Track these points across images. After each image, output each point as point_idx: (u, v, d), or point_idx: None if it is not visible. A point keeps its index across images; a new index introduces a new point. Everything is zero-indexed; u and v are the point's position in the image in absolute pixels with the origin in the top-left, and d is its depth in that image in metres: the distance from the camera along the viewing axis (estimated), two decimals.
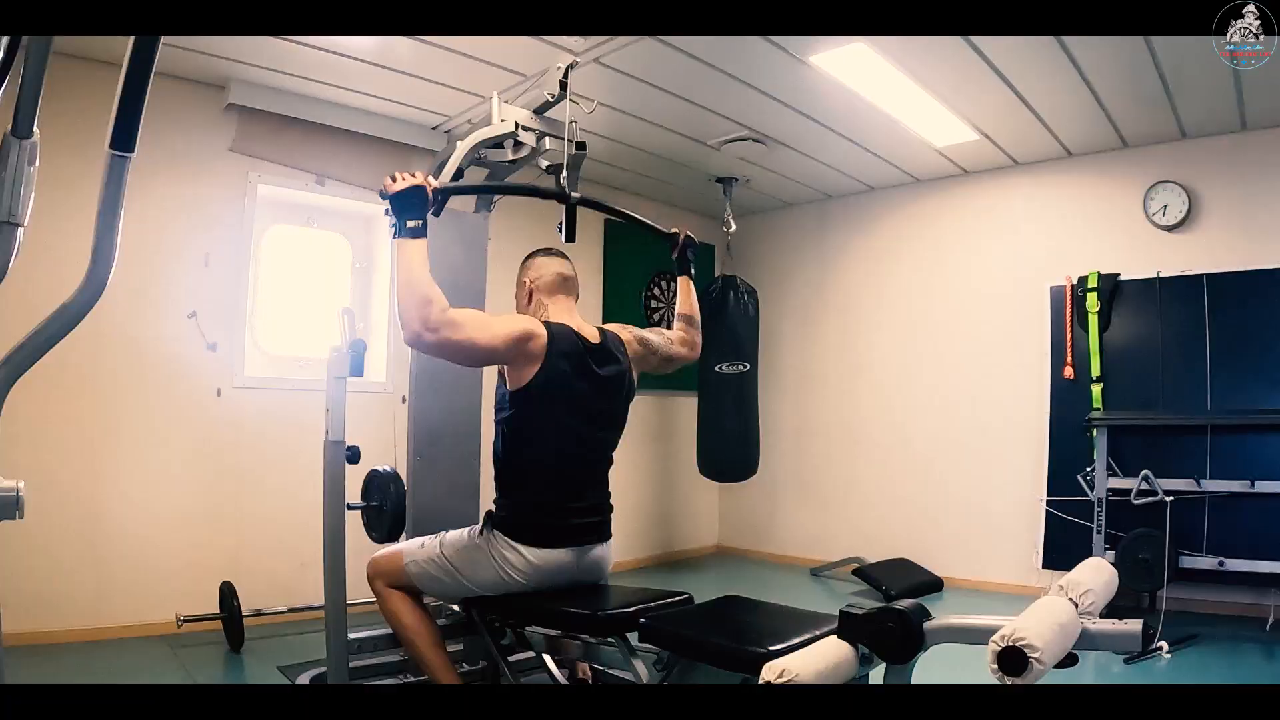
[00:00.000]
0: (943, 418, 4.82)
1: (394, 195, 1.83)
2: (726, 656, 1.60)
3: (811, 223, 5.56)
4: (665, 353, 2.28)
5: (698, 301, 2.46)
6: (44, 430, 3.08)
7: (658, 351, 2.26)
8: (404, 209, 1.83)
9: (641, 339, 2.24)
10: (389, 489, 2.53)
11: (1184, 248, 4.05)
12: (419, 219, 1.83)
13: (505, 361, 1.94)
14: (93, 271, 1.10)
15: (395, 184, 1.84)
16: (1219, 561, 3.58)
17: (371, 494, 2.56)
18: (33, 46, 1.05)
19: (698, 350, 2.40)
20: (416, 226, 1.83)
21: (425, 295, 1.76)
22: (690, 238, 2.46)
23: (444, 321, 1.77)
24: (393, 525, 2.52)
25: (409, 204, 1.83)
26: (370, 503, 2.55)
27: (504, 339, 1.87)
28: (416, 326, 1.76)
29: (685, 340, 2.36)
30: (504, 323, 1.91)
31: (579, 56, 2.58)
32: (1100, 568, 1.47)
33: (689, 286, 2.45)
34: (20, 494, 1.04)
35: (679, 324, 2.40)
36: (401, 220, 1.83)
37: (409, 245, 1.81)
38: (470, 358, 1.89)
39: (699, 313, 2.43)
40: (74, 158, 2.49)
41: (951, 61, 3.30)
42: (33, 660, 2.78)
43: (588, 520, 2.05)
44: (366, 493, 2.58)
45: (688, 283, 2.45)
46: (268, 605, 3.35)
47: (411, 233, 1.82)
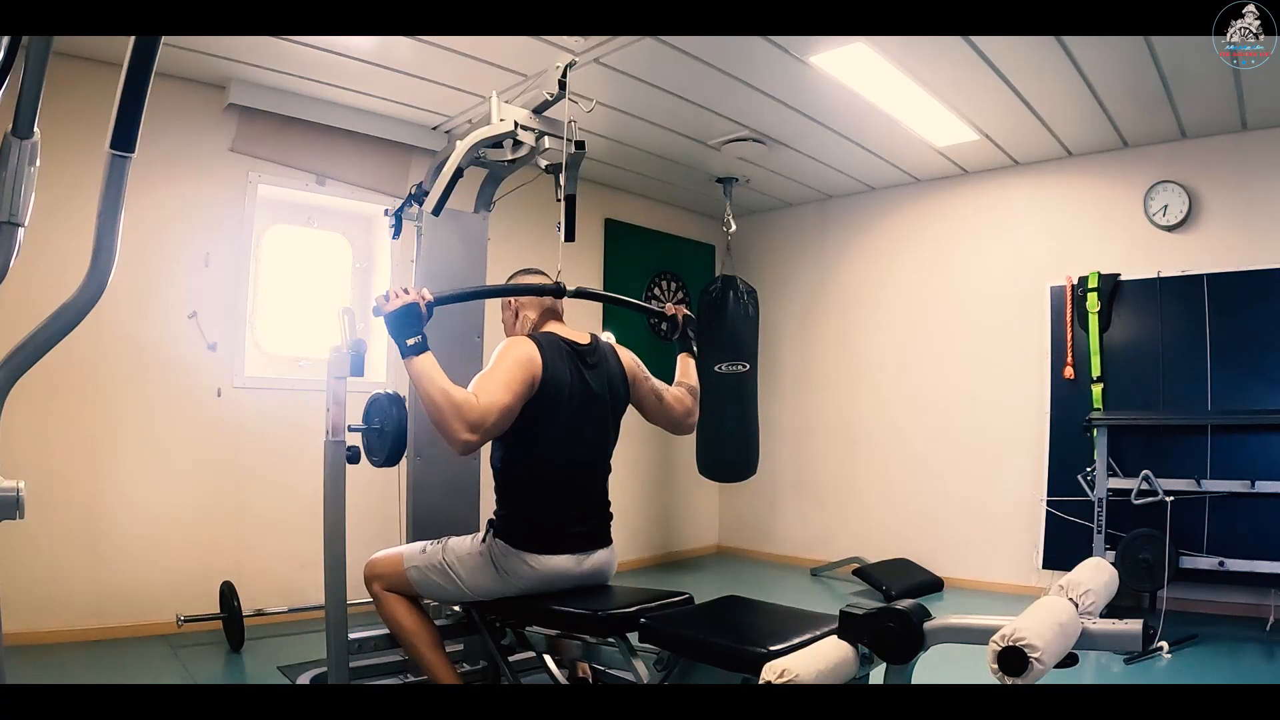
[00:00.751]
0: (943, 418, 4.82)
1: (389, 317, 1.81)
2: (727, 656, 1.60)
3: (812, 223, 5.56)
4: (658, 389, 2.23)
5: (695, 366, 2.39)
6: (44, 430, 3.08)
7: (650, 380, 2.23)
8: (402, 330, 1.80)
9: (637, 361, 2.24)
10: (390, 411, 2.52)
11: (1184, 248, 4.05)
12: (417, 335, 1.81)
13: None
14: (93, 271, 1.10)
15: (389, 304, 1.82)
16: (1219, 562, 3.58)
17: (373, 417, 2.56)
18: (33, 46, 1.05)
19: (693, 420, 2.30)
20: (417, 343, 1.80)
21: (454, 402, 1.74)
22: (690, 316, 2.40)
23: (482, 413, 1.77)
24: (394, 448, 2.52)
25: (405, 324, 1.80)
26: (372, 425, 2.55)
27: (521, 382, 1.87)
28: (464, 435, 1.75)
29: (681, 399, 2.27)
30: (509, 368, 1.88)
31: (579, 56, 2.58)
32: (1100, 568, 1.47)
33: (690, 363, 2.38)
34: (20, 494, 1.04)
35: (680, 389, 2.31)
36: (401, 342, 1.80)
37: (417, 362, 1.79)
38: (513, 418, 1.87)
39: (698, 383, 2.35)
40: (74, 158, 2.49)
41: (951, 61, 3.31)
42: (33, 660, 2.78)
43: (588, 525, 2.05)
44: (368, 416, 2.57)
45: (689, 359, 2.38)
46: (268, 605, 3.35)
47: (414, 350, 1.80)
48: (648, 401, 2.22)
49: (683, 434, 2.38)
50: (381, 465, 2.55)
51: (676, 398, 2.27)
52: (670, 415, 2.25)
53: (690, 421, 2.31)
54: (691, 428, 2.34)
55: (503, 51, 3.22)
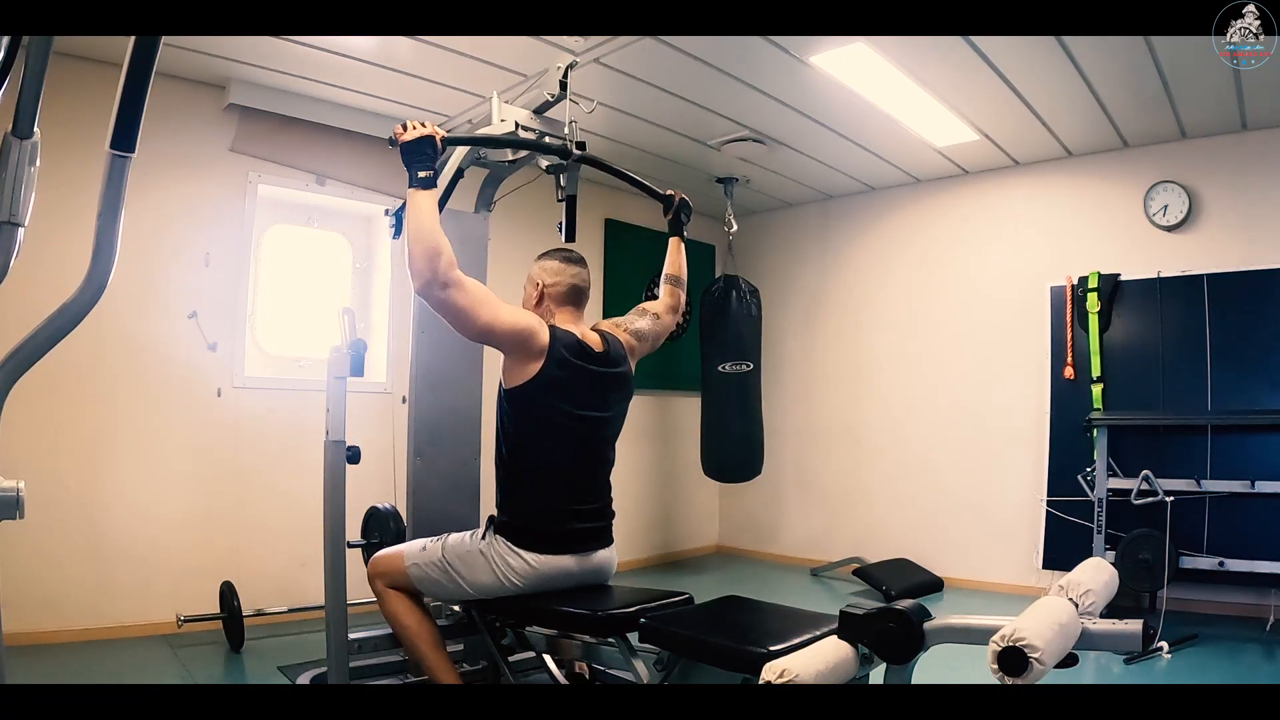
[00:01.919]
0: (943, 418, 4.82)
1: (404, 144, 1.84)
2: (727, 656, 1.60)
3: (813, 223, 5.56)
4: (656, 332, 2.31)
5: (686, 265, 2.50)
6: (44, 430, 3.08)
7: (649, 337, 2.29)
8: (414, 159, 1.83)
9: (636, 333, 2.25)
10: (388, 526, 2.55)
11: (1184, 248, 4.05)
12: (429, 169, 1.83)
13: (500, 347, 1.94)
14: (93, 271, 1.10)
15: (405, 133, 1.85)
16: (1219, 562, 3.58)
17: (371, 531, 2.58)
18: (33, 46, 1.05)
19: (682, 308, 2.44)
20: (427, 177, 1.83)
21: (435, 246, 1.77)
22: (685, 200, 2.51)
23: (453, 280, 1.79)
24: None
25: (419, 154, 1.84)
26: (370, 540, 2.57)
27: (505, 324, 1.88)
28: (427, 275, 1.76)
29: (672, 305, 2.39)
30: (510, 311, 1.92)
31: (579, 56, 2.58)
32: (1100, 568, 1.47)
33: (680, 247, 2.49)
34: (20, 494, 1.04)
35: (666, 285, 2.43)
36: (412, 170, 1.83)
37: (419, 196, 1.81)
38: (468, 327, 1.86)
39: (686, 273, 2.47)
40: (74, 158, 2.49)
41: (951, 61, 3.30)
42: (33, 660, 2.78)
43: (589, 525, 2.05)
44: (366, 530, 2.59)
45: (679, 243, 2.49)
46: (268, 605, 3.35)
47: (422, 183, 1.82)
48: (645, 350, 2.28)
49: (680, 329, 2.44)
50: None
51: (665, 308, 2.37)
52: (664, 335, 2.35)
53: (679, 313, 2.41)
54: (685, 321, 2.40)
55: (503, 52, 3.22)
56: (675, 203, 2.49)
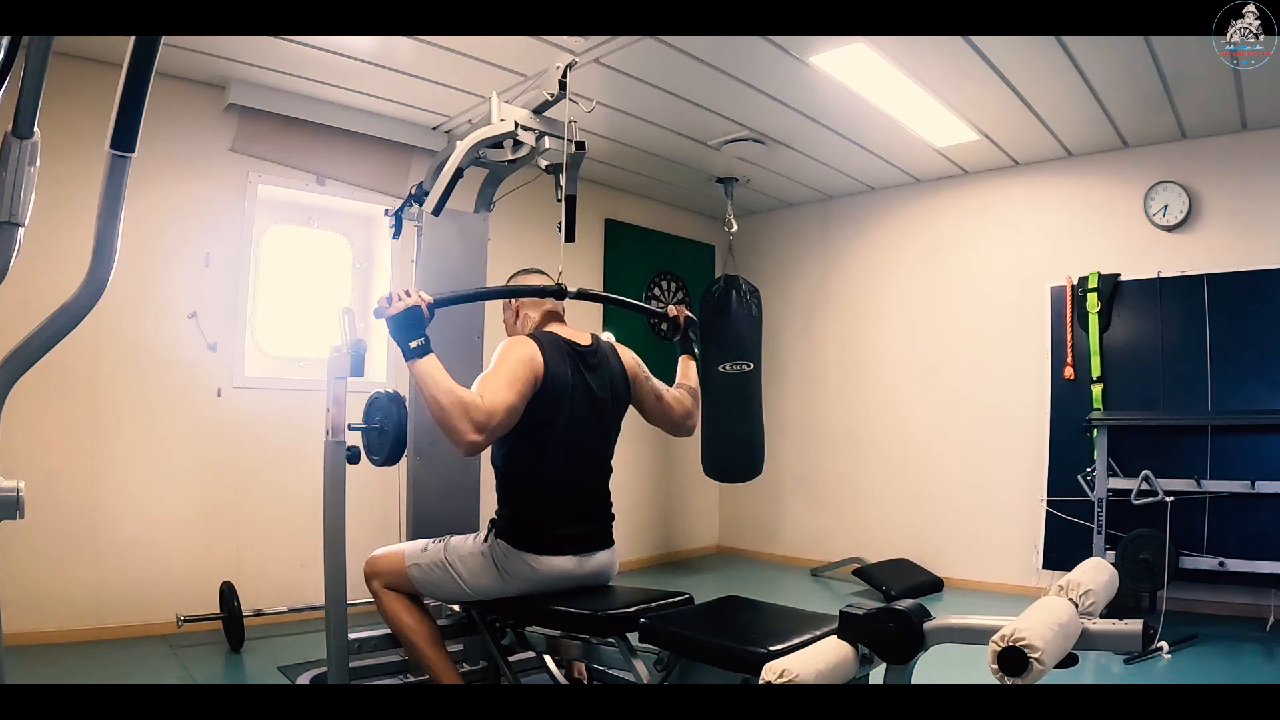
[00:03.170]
0: (943, 418, 4.82)
1: (391, 320, 1.81)
2: (727, 657, 1.60)
3: (813, 223, 5.56)
4: (658, 389, 2.23)
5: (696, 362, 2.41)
6: (44, 430, 3.08)
7: (650, 380, 2.23)
8: (404, 333, 1.80)
9: (638, 361, 2.23)
10: (391, 410, 2.52)
11: (1184, 248, 4.05)
12: (420, 338, 1.81)
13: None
14: (93, 272, 1.10)
15: (391, 307, 1.82)
16: (1219, 562, 3.57)
17: (374, 416, 2.56)
18: (33, 46, 1.05)
19: (692, 422, 2.30)
20: (420, 346, 1.80)
21: (462, 403, 1.74)
22: (691, 318, 2.41)
23: (488, 413, 1.76)
24: (394, 447, 2.52)
25: (407, 327, 1.81)
26: (372, 424, 2.55)
27: (524, 380, 1.87)
28: (471, 435, 1.74)
29: (682, 400, 2.27)
30: (512, 368, 1.88)
31: (579, 56, 2.58)
32: (1100, 568, 1.46)
33: (691, 365, 2.39)
34: (20, 494, 1.04)
35: (680, 391, 2.31)
36: (404, 344, 1.80)
37: (420, 364, 1.79)
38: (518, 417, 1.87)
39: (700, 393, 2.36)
40: (74, 158, 2.49)
41: (951, 61, 3.31)
42: (33, 660, 2.78)
43: (589, 527, 2.05)
44: (368, 415, 2.57)
45: (689, 361, 2.39)
46: (268, 605, 3.35)
47: (417, 353, 1.80)
48: (648, 402, 2.22)
49: (682, 435, 2.37)
50: (382, 464, 2.55)
51: (676, 399, 2.27)
52: (670, 416, 2.25)
53: (690, 424, 2.30)
54: (691, 430, 2.34)
55: (503, 52, 3.22)
56: (681, 323, 2.40)
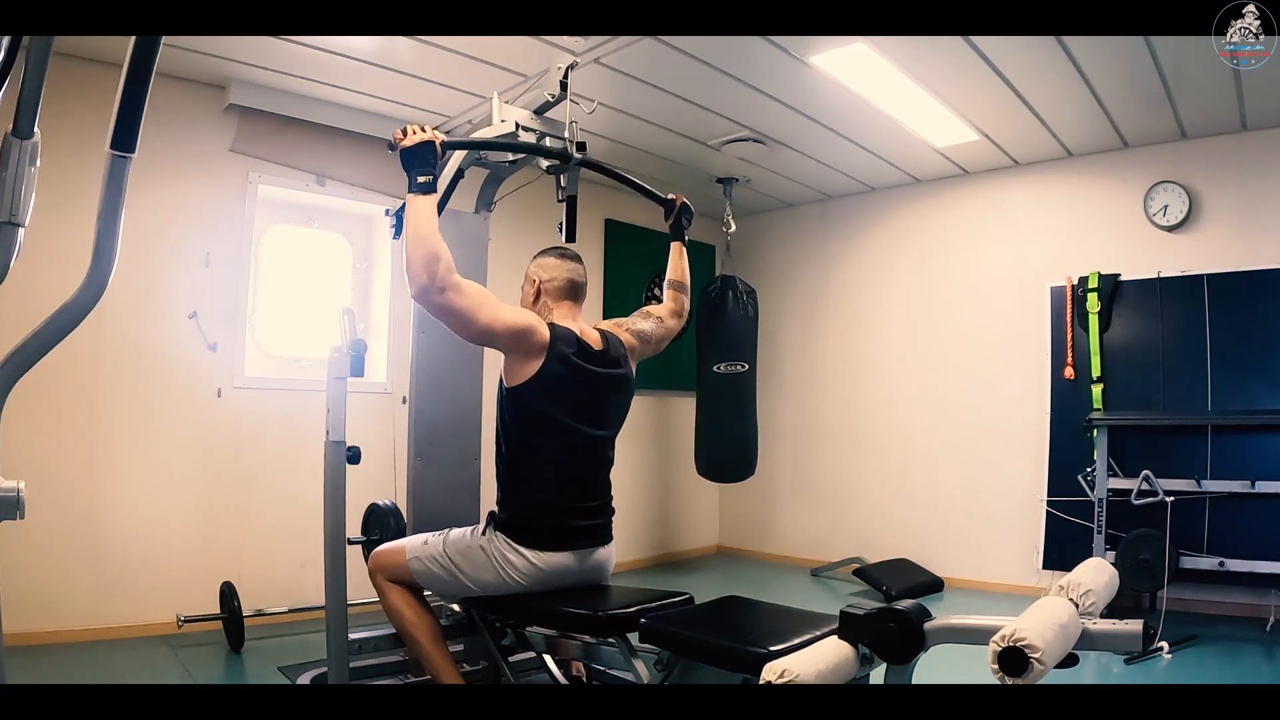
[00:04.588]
0: (943, 418, 4.82)
1: (404, 149, 1.84)
2: (727, 657, 1.60)
3: (812, 223, 5.56)
4: (659, 335, 2.31)
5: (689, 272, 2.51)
6: (44, 430, 3.08)
7: (652, 339, 2.29)
8: (414, 164, 1.83)
9: (638, 333, 2.26)
10: (389, 523, 2.55)
11: (1184, 248, 4.05)
12: (429, 174, 1.83)
13: (501, 348, 1.94)
14: (93, 272, 1.10)
15: (405, 138, 1.85)
16: (1219, 562, 3.57)
17: (372, 528, 2.58)
18: (33, 46, 1.05)
19: (686, 314, 2.44)
20: (427, 182, 1.83)
21: (433, 251, 1.77)
22: (686, 204, 2.51)
23: (451, 283, 1.79)
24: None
25: (419, 159, 1.83)
26: (370, 537, 2.58)
27: (505, 324, 1.89)
28: (425, 281, 1.76)
29: (675, 310, 2.40)
30: (509, 310, 1.92)
31: (579, 57, 2.58)
32: (1101, 568, 1.47)
33: (682, 252, 2.49)
34: (20, 494, 1.04)
35: (669, 290, 2.44)
36: (412, 175, 1.83)
37: (418, 201, 1.81)
38: (467, 329, 1.87)
39: (689, 278, 2.48)
40: (74, 158, 2.49)
41: (951, 61, 3.30)
42: (33, 660, 2.78)
43: (589, 523, 2.05)
44: (366, 526, 2.60)
45: (681, 248, 2.49)
46: (268, 605, 3.35)
47: (421, 188, 1.82)
48: (647, 352, 2.28)
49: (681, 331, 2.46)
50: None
51: (669, 312, 2.37)
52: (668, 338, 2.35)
53: (684, 321, 2.42)
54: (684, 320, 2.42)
55: (503, 52, 3.22)
56: (676, 207, 2.49)
